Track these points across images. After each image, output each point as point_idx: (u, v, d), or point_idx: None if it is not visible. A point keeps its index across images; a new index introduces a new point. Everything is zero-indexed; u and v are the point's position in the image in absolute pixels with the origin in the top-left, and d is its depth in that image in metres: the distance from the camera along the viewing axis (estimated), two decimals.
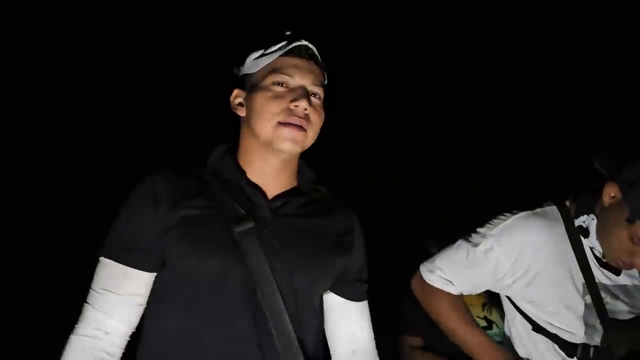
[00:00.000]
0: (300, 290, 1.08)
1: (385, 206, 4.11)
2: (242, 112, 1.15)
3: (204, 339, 1.01)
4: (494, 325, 1.77)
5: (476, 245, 1.33)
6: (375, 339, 1.25)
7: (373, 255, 1.27)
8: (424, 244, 2.01)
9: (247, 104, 1.13)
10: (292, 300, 1.06)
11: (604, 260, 1.27)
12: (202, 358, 1.01)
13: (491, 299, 1.85)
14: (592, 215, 1.28)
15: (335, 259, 1.14)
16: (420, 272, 1.45)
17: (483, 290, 1.42)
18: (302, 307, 1.09)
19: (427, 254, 1.51)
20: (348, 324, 1.21)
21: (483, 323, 1.76)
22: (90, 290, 1.05)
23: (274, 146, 1.07)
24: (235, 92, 1.17)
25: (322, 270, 1.12)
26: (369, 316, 1.27)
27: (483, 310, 1.80)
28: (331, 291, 1.20)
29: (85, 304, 1.05)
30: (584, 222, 1.28)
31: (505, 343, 1.47)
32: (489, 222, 1.37)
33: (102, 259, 1.05)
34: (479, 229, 1.38)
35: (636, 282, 1.27)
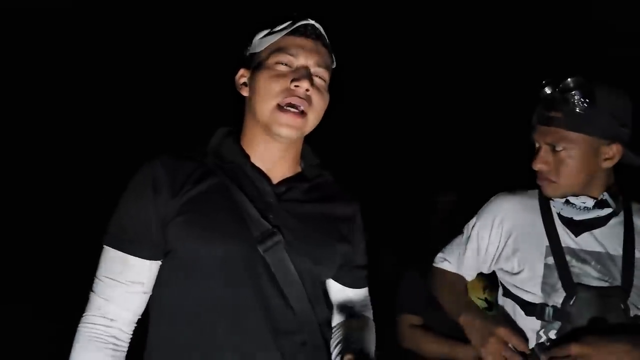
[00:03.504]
0: (305, 277, 1.08)
1: (385, 189, 4.12)
2: (245, 92, 1.13)
3: (213, 322, 1.01)
4: (494, 307, 1.83)
5: (468, 224, 1.48)
6: (375, 321, 1.26)
7: (372, 238, 1.30)
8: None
9: (250, 83, 1.11)
10: None
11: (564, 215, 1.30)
12: (212, 341, 1.01)
13: (491, 282, 1.90)
14: None
15: (337, 246, 1.14)
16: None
17: (474, 270, 1.48)
18: (310, 291, 1.09)
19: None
20: (346, 308, 1.22)
21: (483, 304, 1.80)
22: (94, 278, 1.04)
23: (272, 130, 1.06)
24: (241, 71, 1.15)
25: (325, 256, 1.12)
26: (369, 303, 1.28)
27: (484, 292, 1.84)
28: (331, 278, 1.20)
29: (90, 292, 1.04)
30: None
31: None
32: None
33: (105, 246, 1.05)
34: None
35: (611, 252, 1.26)
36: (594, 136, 1.21)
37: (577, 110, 1.19)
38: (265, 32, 1.11)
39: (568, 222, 1.30)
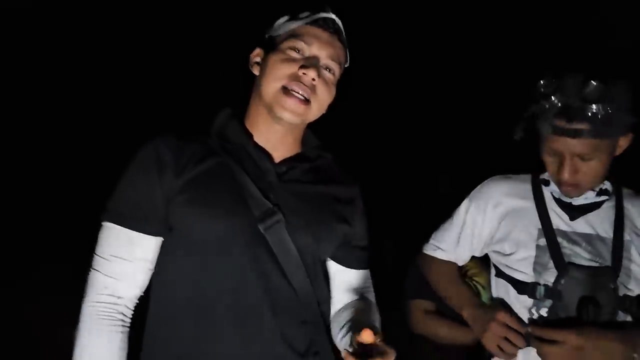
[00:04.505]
0: (305, 255, 1.09)
1: (386, 174, 4.11)
2: (256, 71, 1.16)
3: (214, 300, 1.02)
4: None
5: (458, 208, 1.50)
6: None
7: (374, 224, 1.30)
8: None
9: (262, 63, 1.14)
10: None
11: (563, 199, 1.33)
12: (212, 319, 1.02)
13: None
14: None
15: (337, 226, 1.16)
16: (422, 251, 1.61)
17: (469, 254, 1.51)
18: (310, 270, 1.11)
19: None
20: (348, 290, 1.23)
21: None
22: (95, 256, 1.04)
23: (274, 112, 1.08)
24: (257, 50, 1.18)
25: (325, 234, 1.13)
26: (371, 286, 1.29)
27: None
28: (331, 259, 1.22)
29: (92, 270, 1.03)
30: (546, 174, 1.36)
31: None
32: None
33: (107, 224, 1.04)
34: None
35: (602, 234, 1.28)
36: (620, 136, 1.23)
37: (603, 118, 1.17)
38: (287, 17, 1.14)
39: (566, 206, 1.33)
